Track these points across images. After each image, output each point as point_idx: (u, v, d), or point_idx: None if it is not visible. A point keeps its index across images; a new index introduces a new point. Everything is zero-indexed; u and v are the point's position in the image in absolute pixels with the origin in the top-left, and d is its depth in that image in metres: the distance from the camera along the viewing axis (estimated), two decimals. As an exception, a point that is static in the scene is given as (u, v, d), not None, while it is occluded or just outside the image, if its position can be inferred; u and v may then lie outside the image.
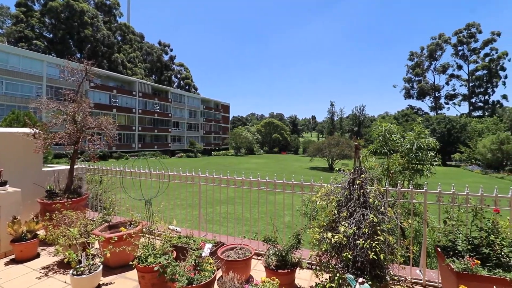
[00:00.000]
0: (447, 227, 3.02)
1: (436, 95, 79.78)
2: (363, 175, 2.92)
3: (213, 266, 3.08)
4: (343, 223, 2.77)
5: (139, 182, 5.05)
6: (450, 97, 78.56)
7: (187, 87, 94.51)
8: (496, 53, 70.20)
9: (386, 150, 5.00)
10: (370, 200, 2.82)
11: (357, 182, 2.90)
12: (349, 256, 2.58)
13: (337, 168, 3.36)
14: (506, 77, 70.95)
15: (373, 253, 2.52)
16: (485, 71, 71.60)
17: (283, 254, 3.25)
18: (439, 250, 2.95)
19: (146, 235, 3.88)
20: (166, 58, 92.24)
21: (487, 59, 71.33)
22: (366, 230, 2.62)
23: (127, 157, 43.52)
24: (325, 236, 2.79)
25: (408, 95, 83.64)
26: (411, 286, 3.45)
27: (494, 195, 3.13)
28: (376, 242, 2.54)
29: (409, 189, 3.47)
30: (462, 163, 50.71)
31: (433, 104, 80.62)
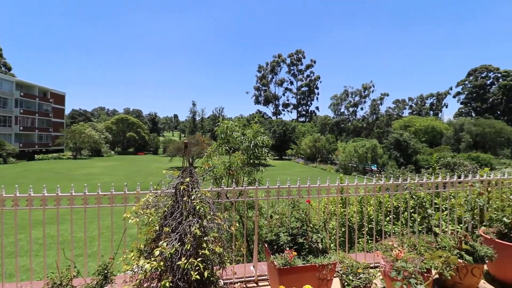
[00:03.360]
0: (273, 221, 3.11)
1: (276, 103, 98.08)
2: (187, 179, 2.44)
3: None
4: (161, 242, 2.17)
5: None
6: (285, 105, 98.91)
7: (-11, 64, 66.03)
8: (313, 75, 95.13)
9: (228, 148, 4.99)
10: (198, 206, 2.39)
11: (181, 188, 2.39)
12: (167, 284, 2.01)
13: (164, 171, 2.77)
14: (318, 94, 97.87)
15: (196, 273, 2.07)
16: (306, 88, 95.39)
17: (81, 300, 2.26)
18: (266, 245, 2.96)
19: None
20: None
21: (308, 79, 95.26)
22: (189, 246, 2.15)
23: None
24: (135, 265, 2.09)
25: (257, 101, 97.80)
26: (244, 285, 3.38)
27: (307, 186, 3.55)
28: (199, 259, 2.12)
29: (243, 187, 3.38)
30: (293, 157, 64.92)
31: (274, 110, 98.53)
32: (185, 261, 2.08)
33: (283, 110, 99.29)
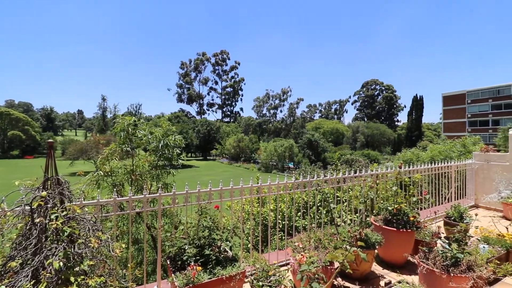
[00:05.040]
0: (178, 232, 2.72)
1: (201, 102, 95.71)
2: (45, 192, 1.81)
3: None
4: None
5: None
6: (210, 105, 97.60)
7: None
8: (238, 77, 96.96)
9: (129, 148, 4.26)
10: (64, 228, 1.79)
11: (35, 205, 1.75)
12: None
13: (17, 182, 2.00)
14: (242, 95, 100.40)
15: (55, 321, 1.51)
16: (231, 89, 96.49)
17: None
18: (168, 262, 2.55)
19: None
20: None
21: (232, 80, 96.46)
22: (45, 285, 1.56)
23: None
24: None
25: (180, 99, 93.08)
26: (145, 311, 2.86)
27: (219, 188, 3.28)
28: (60, 301, 1.56)
29: (142, 196, 2.85)
30: (217, 157, 64.69)
31: (199, 109, 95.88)
32: (37, 307, 1.49)
33: (208, 110, 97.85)
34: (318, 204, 4.77)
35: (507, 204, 5.44)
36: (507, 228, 3.91)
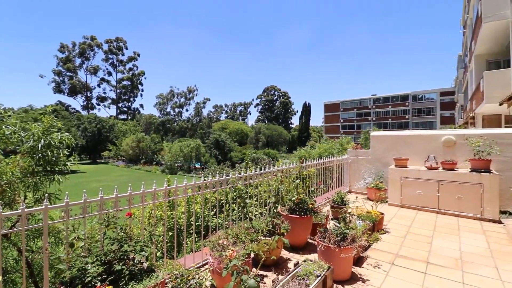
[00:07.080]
0: (76, 251, 2.24)
1: (88, 95, 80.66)
2: None
3: None
4: None
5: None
6: (101, 99, 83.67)
7: None
8: (137, 69, 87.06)
9: (-11, 151, 3.16)
10: None
11: None
12: None
13: None
14: (143, 90, 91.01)
15: None
16: (129, 82, 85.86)
17: None
18: (64, 289, 2.07)
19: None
20: None
21: (130, 73, 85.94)
22: None
23: None
24: None
25: (58, 90, 75.51)
26: None
27: (127, 194, 2.91)
28: None
29: (20, 210, 2.18)
30: (111, 159, 56.35)
31: (85, 103, 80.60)
32: None
33: (98, 104, 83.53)
34: (231, 202, 4.92)
35: (370, 189, 7.17)
36: (372, 207, 5.16)
